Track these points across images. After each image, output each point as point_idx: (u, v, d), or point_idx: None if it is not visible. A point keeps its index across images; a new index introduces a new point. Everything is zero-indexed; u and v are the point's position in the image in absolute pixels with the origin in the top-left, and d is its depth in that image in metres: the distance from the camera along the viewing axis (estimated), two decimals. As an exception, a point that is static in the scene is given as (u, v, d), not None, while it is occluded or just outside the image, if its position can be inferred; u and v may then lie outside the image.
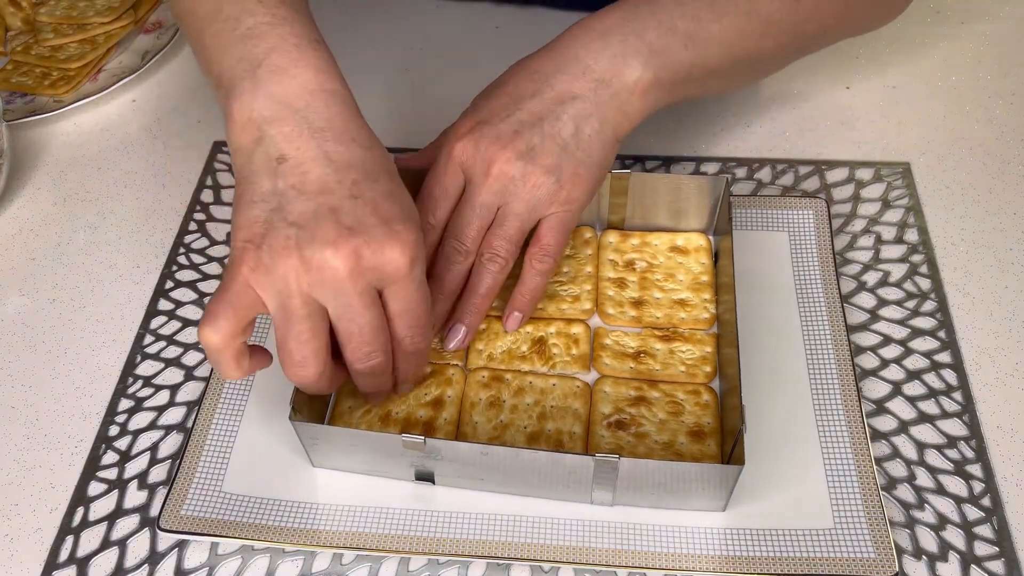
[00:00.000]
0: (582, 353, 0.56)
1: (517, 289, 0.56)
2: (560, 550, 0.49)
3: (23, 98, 0.78)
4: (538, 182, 0.52)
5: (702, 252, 0.61)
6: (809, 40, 0.59)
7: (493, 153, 0.52)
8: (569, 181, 0.52)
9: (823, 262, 0.60)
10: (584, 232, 0.63)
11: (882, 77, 0.76)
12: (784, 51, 0.59)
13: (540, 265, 0.54)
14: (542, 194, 0.52)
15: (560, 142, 0.52)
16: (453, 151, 0.53)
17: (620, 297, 0.59)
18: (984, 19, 0.80)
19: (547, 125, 0.52)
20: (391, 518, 0.50)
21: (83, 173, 0.73)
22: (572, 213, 0.54)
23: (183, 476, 0.52)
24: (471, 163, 0.53)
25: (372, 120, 0.51)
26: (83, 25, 0.81)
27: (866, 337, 0.58)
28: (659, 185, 0.60)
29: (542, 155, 0.52)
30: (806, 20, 0.57)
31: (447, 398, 0.55)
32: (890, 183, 0.67)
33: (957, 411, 0.55)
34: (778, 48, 0.57)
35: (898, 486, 0.52)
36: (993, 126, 0.71)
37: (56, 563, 0.51)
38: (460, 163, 0.53)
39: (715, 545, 0.49)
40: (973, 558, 0.49)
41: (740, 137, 0.71)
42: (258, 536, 0.50)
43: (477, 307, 0.55)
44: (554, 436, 0.53)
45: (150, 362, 0.60)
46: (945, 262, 0.62)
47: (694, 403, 0.54)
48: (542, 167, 0.52)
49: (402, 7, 0.85)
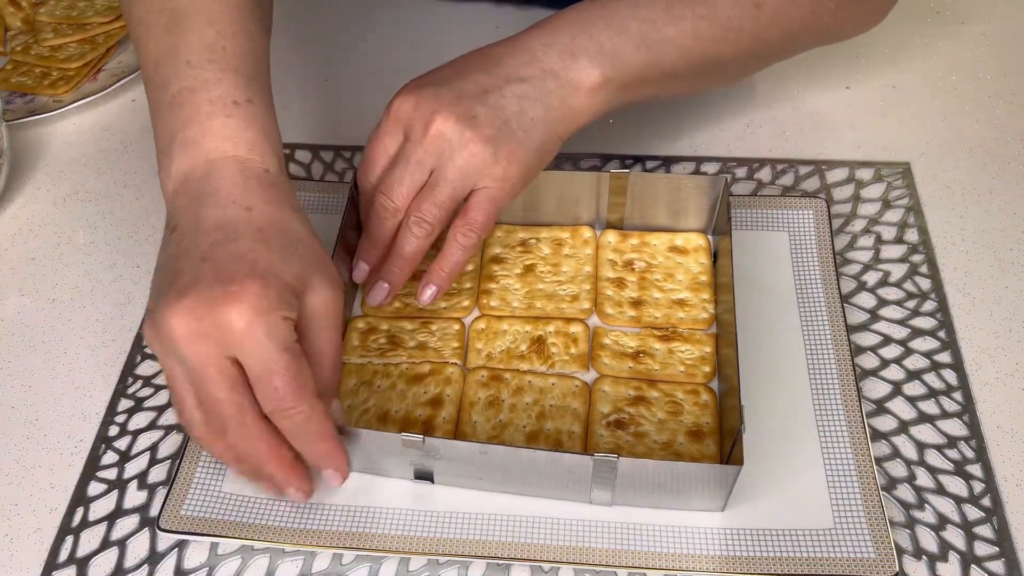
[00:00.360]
0: (581, 352, 0.56)
1: (436, 262, 0.55)
2: (560, 550, 0.49)
3: (23, 98, 0.78)
4: (475, 150, 0.51)
5: (701, 252, 0.61)
6: (775, 47, 0.58)
7: (433, 112, 0.51)
8: (505, 157, 0.52)
9: (823, 262, 0.60)
10: (583, 232, 0.63)
11: (882, 77, 0.76)
12: (747, 56, 0.58)
13: (464, 240, 0.53)
14: (477, 163, 0.51)
15: (503, 116, 0.52)
16: (392, 107, 0.53)
17: (619, 297, 0.59)
18: (984, 19, 0.80)
19: (491, 98, 0.52)
20: (391, 518, 0.50)
21: (83, 173, 0.73)
22: (504, 191, 0.52)
23: (183, 476, 0.52)
24: (410, 119, 0.52)
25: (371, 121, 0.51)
26: (83, 25, 0.81)
27: (866, 337, 0.58)
28: (658, 185, 0.60)
29: (483, 125, 0.51)
30: (768, 27, 0.56)
31: (446, 397, 0.55)
32: (890, 183, 0.67)
33: (957, 411, 0.55)
34: (739, 53, 0.57)
35: (898, 486, 0.52)
36: (993, 126, 0.71)
37: (56, 563, 0.51)
38: (399, 120, 0.53)
39: (714, 545, 0.49)
40: (973, 558, 0.49)
41: (740, 137, 0.71)
42: (258, 536, 0.50)
43: (401, 269, 0.54)
44: (553, 435, 0.53)
45: (150, 362, 0.60)
46: (945, 262, 0.62)
47: (693, 403, 0.54)
48: (481, 136, 0.51)
49: (402, 7, 0.85)
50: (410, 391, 0.55)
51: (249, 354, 0.44)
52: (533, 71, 0.53)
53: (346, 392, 0.55)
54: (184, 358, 0.44)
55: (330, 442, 0.47)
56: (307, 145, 0.72)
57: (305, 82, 0.78)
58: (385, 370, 0.56)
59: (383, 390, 0.55)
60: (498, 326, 0.58)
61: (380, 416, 0.54)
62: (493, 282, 0.60)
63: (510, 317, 0.58)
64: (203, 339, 0.43)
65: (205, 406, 0.45)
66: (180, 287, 0.44)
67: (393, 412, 0.54)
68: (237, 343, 0.43)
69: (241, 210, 0.47)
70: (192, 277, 0.44)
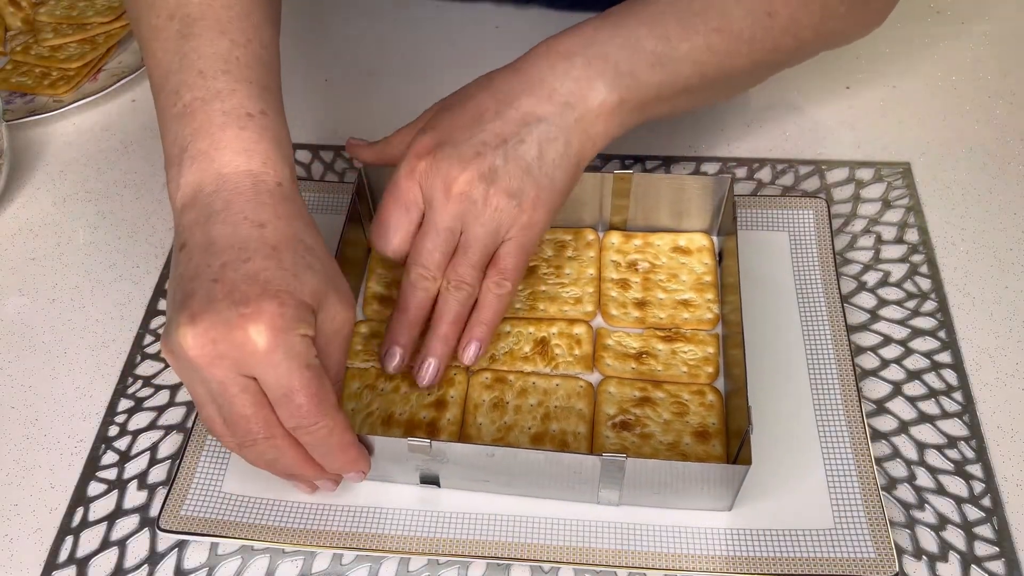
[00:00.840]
0: (585, 353, 0.56)
1: (474, 317, 0.53)
2: (560, 550, 0.49)
3: (23, 98, 0.78)
4: (500, 205, 0.50)
5: (705, 252, 0.61)
6: (787, 55, 0.58)
7: (455, 174, 0.50)
8: (530, 206, 0.51)
9: (823, 262, 0.60)
10: (587, 234, 0.63)
11: (882, 77, 0.76)
12: (759, 67, 0.57)
13: (498, 289, 0.53)
14: (503, 218, 0.51)
15: (523, 165, 0.51)
16: (414, 168, 0.52)
17: (623, 298, 0.59)
18: (984, 19, 0.80)
19: (511, 147, 0.51)
20: (391, 518, 0.50)
21: (83, 173, 0.73)
22: (532, 237, 0.52)
23: (183, 476, 0.52)
24: (431, 184, 0.51)
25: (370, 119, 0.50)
26: (83, 25, 0.81)
27: (866, 337, 0.58)
28: (662, 186, 0.60)
29: (504, 178, 0.50)
30: (782, 35, 0.55)
31: (450, 398, 0.55)
32: (890, 183, 0.67)
33: (957, 411, 0.55)
34: (752, 64, 0.56)
35: (898, 486, 0.52)
36: (993, 126, 0.71)
37: (56, 563, 0.51)
38: (419, 183, 0.52)
39: (715, 545, 0.49)
40: (973, 558, 0.49)
41: (740, 137, 0.71)
42: (258, 536, 0.50)
43: (446, 336, 0.53)
44: (559, 437, 0.53)
45: (150, 362, 0.60)
46: (945, 262, 0.62)
47: (699, 403, 0.54)
48: (504, 190, 0.50)
49: (402, 7, 0.85)
50: (413, 394, 0.55)
51: (268, 375, 0.43)
52: (551, 107, 0.51)
53: (349, 396, 0.55)
54: (205, 379, 0.44)
55: (352, 451, 0.47)
56: (307, 145, 0.72)
57: (305, 82, 0.78)
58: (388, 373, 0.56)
59: (386, 393, 0.55)
60: (501, 327, 0.58)
61: (384, 419, 0.54)
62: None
63: (513, 319, 0.58)
64: (221, 361, 0.43)
65: (231, 422, 0.45)
66: (193, 310, 0.43)
67: (397, 415, 0.54)
68: (256, 364, 0.43)
69: (253, 227, 0.46)
70: (205, 299, 0.43)
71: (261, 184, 0.48)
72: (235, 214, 0.46)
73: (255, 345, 0.42)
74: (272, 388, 0.44)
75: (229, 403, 0.44)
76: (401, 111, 0.73)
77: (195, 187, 0.47)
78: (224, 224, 0.46)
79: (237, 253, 0.45)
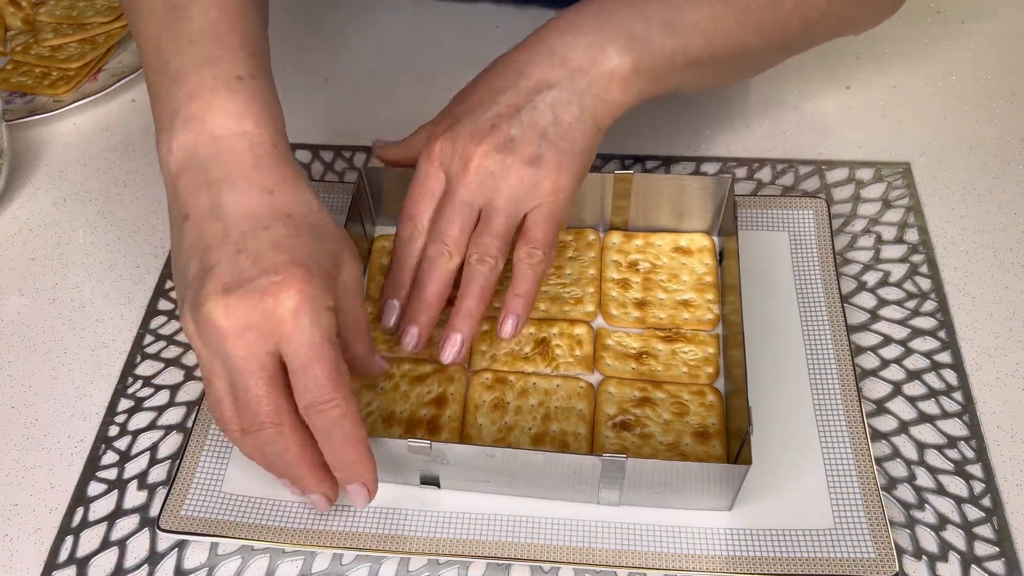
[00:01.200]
0: (585, 354, 0.56)
1: (510, 291, 0.53)
2: (561, 550, 0.49)
3: (23, 98, 0.78)
4: (520, 174, 0.50)
5: (706, 253, 0.61)
6: (793, 36, 0.58)
7: (471, 148, 0.51)
8: (553, 171, 0.51)
9: (823, 262, 0.60)
10: (588, 234, 0.63)
11: (882, 77, 0.76)
12: (767, 46, 0.57)
13: (530, 259, 0.52)
14: (525, 186, 0.50)
15: (539, 131, 0.51)
16: (432, 151, 0.52)
17: (624, 298, 0.59)
18: (984, 19, 0.80)
19: (524, 115, 0.51)
20: (391, 518, 0.50)
21: (83, 173, 0.73)
22: (559, 203, 0.51)
23: (183, 476, 0.52)
24: (449, 161, 0.51)
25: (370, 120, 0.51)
26: (83, 25, 0.81)
27: (866, 337, 0.58)
28: (662, 186, 0.60)
29: (521, 146, 0.50)
30: (790, 14, 0.55)
31: (449, 395, 0.55)
32: (890, 183, 0.67)
33: (957, 411, 0.55)
34: (761, 42, 0.56)
35: (898, 486, 0.52)
36: (993, 126, 0.71)
37: (56, 563, 0.51)
38: (439, 163, 0.52)
39: (715, 545, 0.49)
40: (973, 558, 0.49)
41: (740, 137, 0.71)
42: (258, 536, 0.50)
43: (471, 312, 0.52)
44: (559, 437, 0.53)
45: (150, 362, 0.60)
46: (945, 262, 0.62)
47: (699, 404, 0.54)
48: (522, 158, 0.50)
49: (402, 7, 0.85)
50: (413, 391, 0.55)
51: (294, 342, 0.43)
52: (561, 73, 0.51)
53: (347, 394, 0.55)
54: (227, 353, 0.44)
55: (361, 447, 0.46)
56: (307, 145, 0.72)
57: (305, 81, 0.78)
58: (387, 372, 0.56)
59: (386, 392, 0.55)
60: (500, 327, 0.58)
61: (385, 418, 0.54)
62: (497, 284, 0.60)
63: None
64: (249, 332, 0.43)
65: (242, 403, 0.44)
66: (223, 281, 0.44)
67: (398, 413, 0.54)
68: (284, 332, 0.43)
69: (263, 193, 0.46)
70: (232, 269, 0.44)
71: (258, 147, 0.47)
72: (239, 180, 0.46)
73: (285, 311, 0.43)
74: (294, 357, 0.44)
75: (245, 381, 0.44)
76: (401, 111, 0.73)
77: (189, 151, 0.47)
78: (231, 191, 0.46)
79: (254, 222, 0.45)
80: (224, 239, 0.45)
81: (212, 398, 0.46)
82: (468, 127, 0.51)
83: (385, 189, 0.62)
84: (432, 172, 0.52)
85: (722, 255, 0.61)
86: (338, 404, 0.44)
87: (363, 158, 0.71)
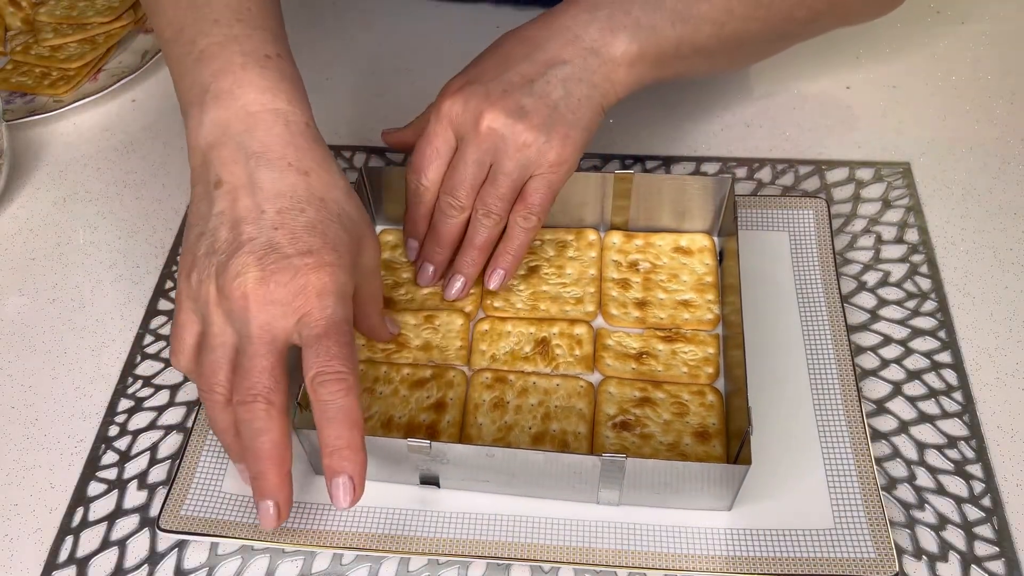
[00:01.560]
0: (585, 354, 0.56)
1: (501, 246, 0.57)
2: (560, 550, 0.49)
3: (23, 98, 0.78)
4: (528, 141, 0.52)
5: (706, 253, 0.61)
6: (799, 25, 0.59)
7: (483, 109, 0.52)
8: (559, 142, 0.53)
9: (823, 262, 0.60)
10: (588, 234, 0.63)
11: (882, 77, 0.76)
12: (773, 34, 0.59)
13: (525, 223, 0.55)
14: (531, 154, 0.53)
15: (550, 103, 0.53)
16: (442, 109, 0.54)
17: (624, 298, 0.59)
18: (984, 19, 0.80)
19: (537, 86, 0.53)
20: (391, 518, 0.50)
21: (83, 173, 0.73)
22: (560, 175, 0.54)
23: (183, 476, 0.52)
24: (461, 120, 0.53)
25: (371, 120, 0.51)
26: (83, 25, 0.81)
27: (866, 337, 0.58)
28: (663, 186, 0.60)
29: (532, 114, 0.52)
30: (796, 5, 0.57)
31: (449, 401, 0.55)
32: (890, 183, 0.67)
33: (957, 411, 0.55)
34: (766, 30, 0.58)
35: (898, 486, 0.52)
36: (993, 126, 0.71)
37: (56, 563, 0.51)
38: (450, 121, 0.54)
39: (715, 545, 0.49)
40: (973, 558, 0.49)
41: (740, 137, 0.71)
42: (258, 536, 0.50)
43: (474, 259, 0.57)
44: (559, 437, 0.53)
45: (150, 362, 0.60)
46: (945, 262, 0.62)
47: (699, 404, 0.54)
48: (532, 127, 0.52)
49: (402, 7, 0.85)
50: (413, 396, 0.55)
51: (315, 316, 0.45)
52: (574, 51, 0.54)
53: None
54: (248, 320, 0.45)
55: (356, 433, 0.45)
56: (307, 145, 0.72)
57: (306, 81, 0.78)
58: (387, 376, 0.56)
59: (385, 396, 0.55)
60: (502, 327, 0.58)
61: (384, 422, 0.54)
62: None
63: (514, 319, 0.58)
64: (273, 306, 0.45)
65: (243, 371, 0.45)
66: (257, 254, 0.45)
67: (397, 418, 0.54)
68: (308, 310, 0.45)
69: (299, 175, 0.48)
70: (268, 244, 0.46)
71: (293, 125, 0.49)
72: (277, 159, 0.48)
73: (313, 290, 0.45)
74: (312, 329, 0.45)
75: (256, 349, 0.45)
76: (402, 111, 0.73)
77: (221, 125, 0.49)
78: (269, 168, 0.48)
79: (290, 202, 0.47)
80: (260, 215, 0.47)
81: (209, 366, 0.46)
82: (481, 89, 0.53)
83: (385, 188, 0.62)
84: (440, 130, 0.54)
85: (722, 255, 0.61)
86: (346, 378, 0.44)
87: (363, 158, 0.71)
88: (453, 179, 0.55)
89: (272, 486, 0.45)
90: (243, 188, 0.47)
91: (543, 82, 0.53)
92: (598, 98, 0.54)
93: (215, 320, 0.46)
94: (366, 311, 0.54)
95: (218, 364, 0.46)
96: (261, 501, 0.46)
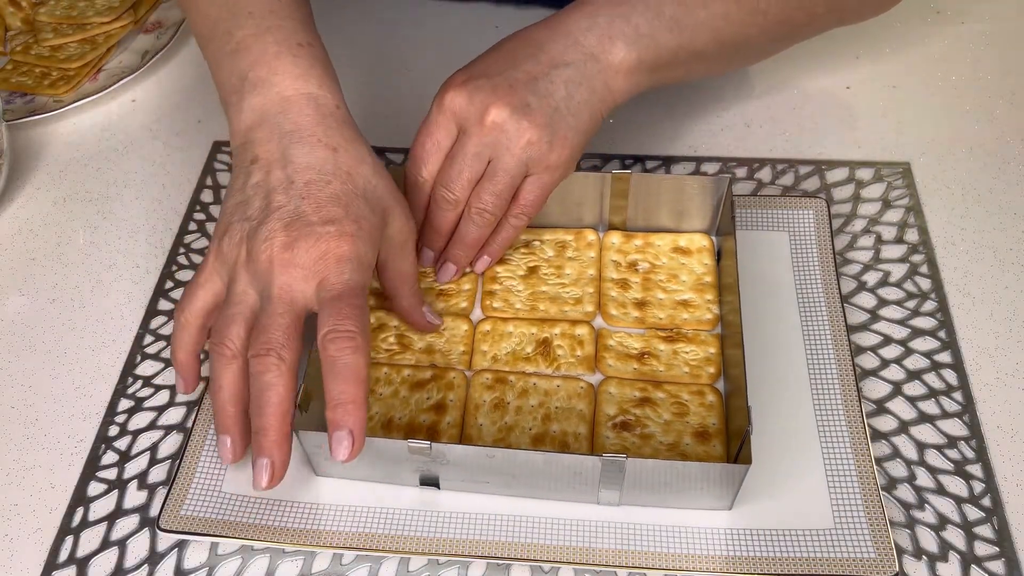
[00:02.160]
0: (587, 355, 0.56)
1: (491, 237, 0.58)
2: (561, 550, 0.49)
3: (23, 98, 0.78)
4: (532, 139, 0.53)
5: (705, 253, 0.61)
6: (796, 28, 0.60)
7: (489, 103, 0.53)
8: (560, 143, 0.53)
9: (823, 262, 0.60)
10: (587, 234, 0.63)
11: (882, 77, 0.76)
12: (771, 37, 0.59)
13: (516, 222, 0.56)
14: (533, 153, 0.53)
15: (553, 104, 0.53)
16: (445, 101, 0.54)
17: (623, 298, 0.59)
18: (984, 19, 0.80)
19: (541, 85, 0.53)
20: (391, 518, 0.50)
21: (83, 173, 0.73)
22: (556, 177, 0.55)
23: (183, 476, 0.52)
24: (465, 113, 0.53)
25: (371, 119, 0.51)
26: (83, 25, 0.81)
27: (866, 337, 0.58)
28: (661, 186, 0.60)
29: (536, 112, 0.53)
30: (795, 8, 0.57)
31: (449, 402, 0.55)
32: (890, 183, 0.67)
33: (957, 411, 0.55)
34: (765, 34, 0.58)
35: (898, 486, 0.52)
36: (993, 126, 0.71)
37: (56, 563, 0.51)
38: (453, 113, 0.54)
39: (715, 545, 0.49)
40: (973, 558, 0.49)
41: (740, 137, 0.71)
42: (258, 536, 0.50)
43: (465, 253, 0.58)
44: (559, 437, 0.53)
45: (150, 362, 0.60)
46: (945, 262, 0.62)
47: (699, 404, 0.54)
48: (536, 124, 0.53)
49: (402, 7, 0.85)
50: (413, 397, 0.55)
51: (332, 280, 0.48)
52: (576, 55, 0.54)
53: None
54: (271, 280, 0.48)
55: (360, 390, 0.46)
56: (307, 145, 0.72)
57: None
58: (387, 377, 0.56)
59: (385, 397, 0.55)
60: (503, 328, 0.58)
61: (384, 424, 0.54)
62: (496, 283, 0.60)
63: (515, 319, 0.58)
64: (296, 269, 0.48)
65: (260, 327, 0.47)
66: (285, 220, 0.48)
67: (397, 419, 0.54)
68: (327, 275, 0.48)
69: (328, 150, 0.51)
70: (295, 212, 0.49)
71: (323, 108, 0.53)
72: (308, 136, 0.51)
73: (332, 257, 0.48)
74: (329, 291, 0.47)
75: (275, 307, 0.47)
76: (401, 111, 0.73)
77: (260, 111, 0.52)
78: (300, 144, 0.51)
79: (318, 175, 0.50)
80: (290, 186, 0.50)
81: (225, 319, 0.49)
82: (487, 84, 0.53)
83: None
84: (443, 121, 0.55)
85: (720, 255, 0.61)
86: (354, 337, 0.46)
87: (363, 158, 0.71)
88: (450, 172, 0.55)
89: (271, 443, 0.47)
90: (276, 162, 0.51)
91: (547, 81, 0.54)
92: (597, 103, 0.55)
93: (240, 279, 0.49)
94: (399, 290, 0.55)
95: (234, 319, 0.48)
96: (258, 458, 0.47)
